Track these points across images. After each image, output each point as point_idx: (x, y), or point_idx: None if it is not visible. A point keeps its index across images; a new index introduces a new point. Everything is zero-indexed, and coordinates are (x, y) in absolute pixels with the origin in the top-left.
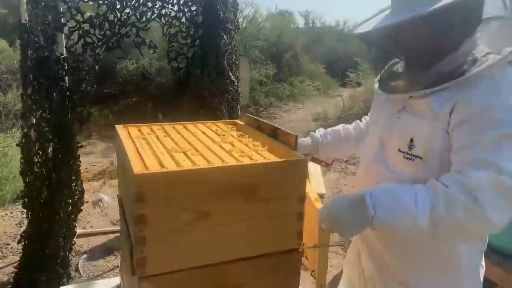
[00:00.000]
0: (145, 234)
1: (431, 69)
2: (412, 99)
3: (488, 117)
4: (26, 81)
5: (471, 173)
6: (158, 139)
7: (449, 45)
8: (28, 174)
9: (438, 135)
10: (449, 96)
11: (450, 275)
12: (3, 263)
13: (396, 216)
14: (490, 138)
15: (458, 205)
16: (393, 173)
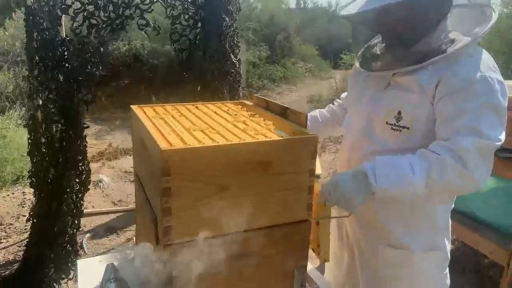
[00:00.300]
0: (171, 205)
1: (413, 48)
2: (396, 76)
3: (470, 90)
4: (32, 63)
5: (459, 140)
6: (174, 118)
7: (428, 26)
8: (35, 155)
9: (424, 106)
10: (434, 72)
11: (431, 231)
12: (8, 242)
13: (396, 185)
14: (472, 108)
15: (450, 169)
16: (380, 145)
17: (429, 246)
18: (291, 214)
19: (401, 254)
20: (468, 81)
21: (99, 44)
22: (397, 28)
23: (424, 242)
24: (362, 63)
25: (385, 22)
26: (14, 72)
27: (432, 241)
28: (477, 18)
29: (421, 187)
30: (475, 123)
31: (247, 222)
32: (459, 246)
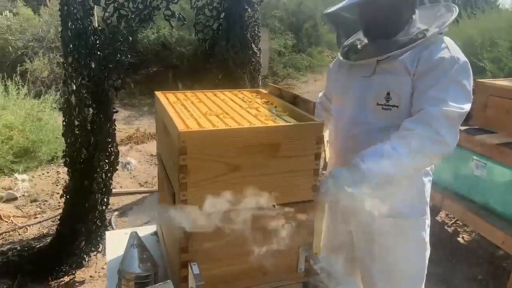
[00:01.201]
0: (187, 181)
1: (394, 38)
2: (381, 62)
3: (440, 67)
4: (66, 51)
5: (428, 109)
6: (193, 104)
7: (404, 20)
8: (69, 136)
9: (408, 85)
10: (414, 56)
11: (420, 199)
12: (42, 217)
13: (386, 167)
14: (441, 82)
15: (426, 139)
16: (373, 124)
17: (420, 213)
18: (298, 194)
19: (396, 222)
20: (439, 60)
21: (128, 33)
22: (381, 20)
23: (415, 210)
24: (345, 55)
25: (372, 14)
26: (49, 58)
27: (421, 208)
28: (440, 14)
29: (407, 162)
30: (442, 94)
31: (256, 200)
32: (475, 237)
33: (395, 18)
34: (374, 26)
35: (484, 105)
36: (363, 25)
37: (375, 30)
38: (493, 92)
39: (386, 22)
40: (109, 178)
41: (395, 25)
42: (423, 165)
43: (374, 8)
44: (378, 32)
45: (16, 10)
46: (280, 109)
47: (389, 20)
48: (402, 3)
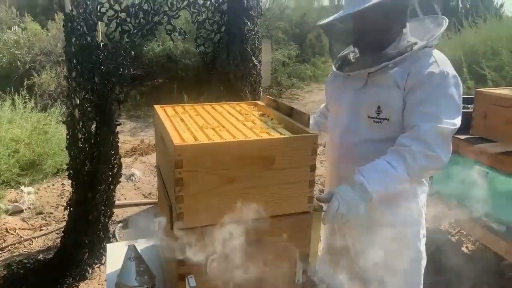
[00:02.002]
0: (183, 194)
1: (384, 50)
2: (372, 75)
3: (431, 82)
4: (70, 65)
5: (422, 125)
6: (191, 117)
7: (395, 32)
8: (73, 149)
9: (399, 99)
10: (405, 69)
11: (416, 210)
12: (47, 230)
13: (387, 184)
14: (432, 97)
15: (420, 155)
16: (366, 136)
17: (416, 222)
18: (293, 206)
19: (395, 231)
20: (429, 75)
21: (130, 48)
22: (371, 33)
23: (412, 219)
24: (339, 67)
25: (363, 27)
26: (56, 72)
27: (418, 218)
28: (430, 27)
29: (405, 178)
30: (435, 110)
31: (252, 212)
32: (479, 246)
33: (385, 31)
34: (364, 39)
35: (484, 114)
36: (354, 37)
37: (365, 42)
38: (493, 101)
39: (377, 35)
40: (112, 190)
41: (385, 38)
42: (418, 180)
43: (365, 21)
44: (368, 44)
45: (25, 25)
46: (276, 121)
47: (380, 33)
48: (393, 16)
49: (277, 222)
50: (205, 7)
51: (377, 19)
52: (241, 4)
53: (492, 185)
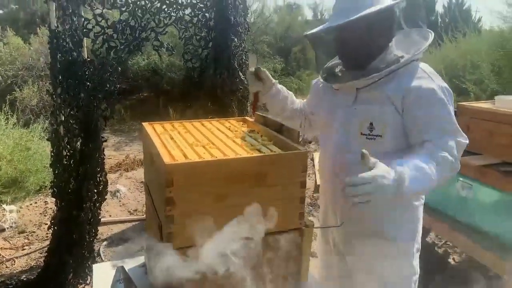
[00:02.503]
0: (173, 213)
1: (370, 65)
2: (362, 91)
3: (434, 98)
4: (55, 82)
5: (447, 140)
6: (180, 134)
7: (381, 46)
8: (57, 166)
9: (391, 115)
10: (398, 85)
11: (412, 223)
12: (30, 249)
13: (422, 186)
14: (441, 113)
15: (450, 165)
16: (358, 154)
17: (411, 236)
18: (284, 223)
19: (389, 245)
20: (431, 91)
21: (117, 64)
22: (356, 46)
23: (406, 233)
24: (325, 78)
25: (348, 40)
26: (38, 86)
27: (412, 232)
28: (415, 40)
29: (435, 183)
30: (450, 126)
31: (243, 230)
32: (466, 258)
33: (370, 44)
34: (350, 52)
35: (467, 127)
36: (339, 50)
37: (351, 55)
38: (475, 115)
39: (362, 48)
40: (97, 208)
41: (371, 51)
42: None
43: (350, 34)
44: (353, 58)
45: (7, 40)
46: (266, 138)
47: (365, 47)
48: (379, 30)
49: (268, 239)
50: (192, 24)
51: (362, 32)
52: (228, 21)
53: (476, 197)
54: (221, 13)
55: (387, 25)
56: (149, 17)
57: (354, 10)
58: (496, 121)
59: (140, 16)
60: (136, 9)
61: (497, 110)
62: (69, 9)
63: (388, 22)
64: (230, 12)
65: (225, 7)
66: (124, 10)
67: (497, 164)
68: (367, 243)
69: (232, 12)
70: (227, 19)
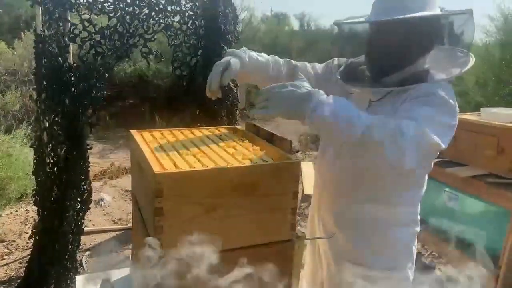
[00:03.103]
0: (163, 224)
1: (394, 75)
2: (374, 104)
3: (428, 100)
4: (40, 87)
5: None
6: (170, 143)
7: (413, 56)
8: (40, 174)
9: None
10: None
11: (392, 251)
12: (10, 259)
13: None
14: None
15: (388, 130)
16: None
17: (388, 266)
18: (276, 234)
19: (363, 271)
20: (428, 94)
21: (104, 70)
22: (389, 49)
23: (384, 262)
24: (344, 77)
25: (382, 39)
26: (21, 92)
27: (392, 261)
28: (453, 59)
29: (357, 130)
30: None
31: (234, 241)
32: None
33: (403, 51)
34: (380, 53)
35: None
36: (369, 48)
37: (380, 57)
38: (461, 126)
39: (393, 53)
40: (81, 217)
41: (401, 59)
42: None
43: (387, 34)
44: (381, 60)
45: None
46: (257, 147)
47: (397, 52)
48: (419, 38)
49: (258, 251)
50: (181, 31)
51: (401, 35)
52: (218, 29)
53: (462, 208)
54: (211, 21)
55: (427, 35)
56: (137, 23)
57: (400, 9)
58: (482, 132)
59: (128, 22)
60: (124, 15)
61: (483, 122)
62: (56, 14)
63: (429, 32)
64: (220, 20)
65: (215, 15)
66: (112, 16)
67: (483, 175)
68: (345, 267)
69: (222, 20)
70: (217, 27)
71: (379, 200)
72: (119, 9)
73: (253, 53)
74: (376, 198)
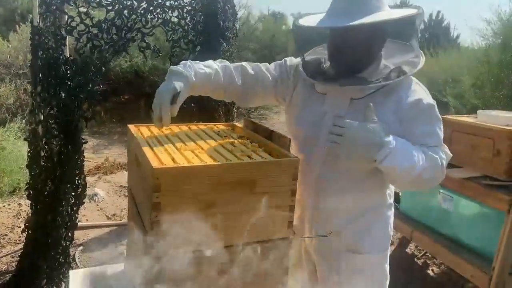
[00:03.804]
0: (160, 219)
1: (363, 73)
2: (355, 102)
3: (430, 114)
4: (35, 80)
5: (438, 149)
6: (168, 138)
7: (375, 55)
8: (34, 168)
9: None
10: (396, 98)
11: (383, 234)
12: (1, 253)
13: (403, 162)
14: (437, 129)
15: (434, 163)
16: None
17: (382, 248)
18: (273, 231)
19: (361, 258)
20: (429, 106)
21: (101, 64)
22: (357, 51)
23: (379, 245)
24: (314, 76)
25: (349, 42)
26: (16, 85)
27: (384, 243)
28: (404, 51)
29: (416, 170)
30: (440, 140)
31: (231, 238)
32: (445, 269)
33: (370, 51)
34: (348, 55)
35: (449, 140)
36: (335, 50)
37: (348, 58)
38: (458, 128)
39: (361, 54)
40: (75, 212)
41: (368, 58)
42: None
43: (354, 37)
44: (350, 61)
45: None
46: (256, 144)
47: (365, 52)
48: (382, 38)
49: (256, 248)
50: (180, 26)
51: (368, 37)
52: (217, 25)
53: (457, 209)
54: (210, 17)
55: (386, 34)
56: (135, 17)
57: (359, 12)
58: (478, 135)
59: (126, 16)
60: (122, 8)
61: (479, 124)
62: (53, 6)
63: (387, 31)
64: (219, 16)
65: (214, 12)
66: (110, 9)
67: (478, 177)
68: (340, 257)
69: (221, 16)
70: (216, 23)
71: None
72: (117, 3)
73: (199, 65)
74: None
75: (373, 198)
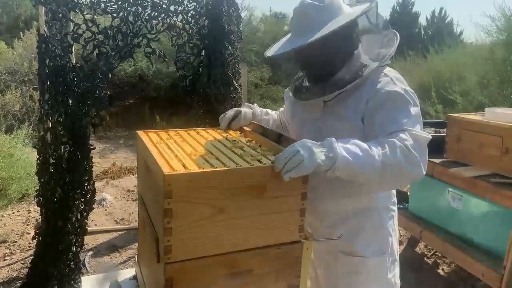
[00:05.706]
0: (172, 226)
1: (334, 77)
2: (328, 104)
3: (394, 102)
4: (43, 87)
5: (398, 133)
6: (177, 143)
7: (344, 58)
8: (43, 175)
9: (358, 129)
10: (360, 95)
11: (379, 237)
12: (12, 259)
13: (356, 155)
14: (399, 116)
15: (399, 150)
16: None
17: (379, 251)
18: (284, 235)
19: (357, 261)
20: (391, 94)
21: (107, 70)
22: (317, 63)
23: (374, 248)
24: (294, 93)
25: (308, 59)
26: (21, 92)
27: (380, 246)
28: (382, 42)
29: (377, 164)
30: (405, 126)
31: (243, 242)
32: (455, 268)
33: (333, 59)
34: (313, 69)
35: (458, 139)
36: (302, 68)
37: (314, 73)
38: (466, 126)
39: (325, 65)
40: (84, 217)
41: (334, 65)
42: (390, 181)
43: (311, 54)
44: (317, 73)
45: None
46: (265, 148)
47: (327, 62)
48: (340, 44)
49: (267, 252)
50: (185, 31)
51: (323, 50)
52: (222, 28)
53: (466, 208)
54: (214, 21)
55: (349, 37)
56: (141, 23)
57: (311, 29)
58: (486, 132)
59: (131, 22)
60: (127, 15)
61: (487, 122)
62: (59, 14)
63: (349, 34)
64: (224, 20)
65: (218, 15)
66: (115, 16)
67: (487, 176)
68: (335, 259)
69: (226, 20)
70: (221, 27)
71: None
72: (122, 9)
73: (261, 109)
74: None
75: (361, 201)
